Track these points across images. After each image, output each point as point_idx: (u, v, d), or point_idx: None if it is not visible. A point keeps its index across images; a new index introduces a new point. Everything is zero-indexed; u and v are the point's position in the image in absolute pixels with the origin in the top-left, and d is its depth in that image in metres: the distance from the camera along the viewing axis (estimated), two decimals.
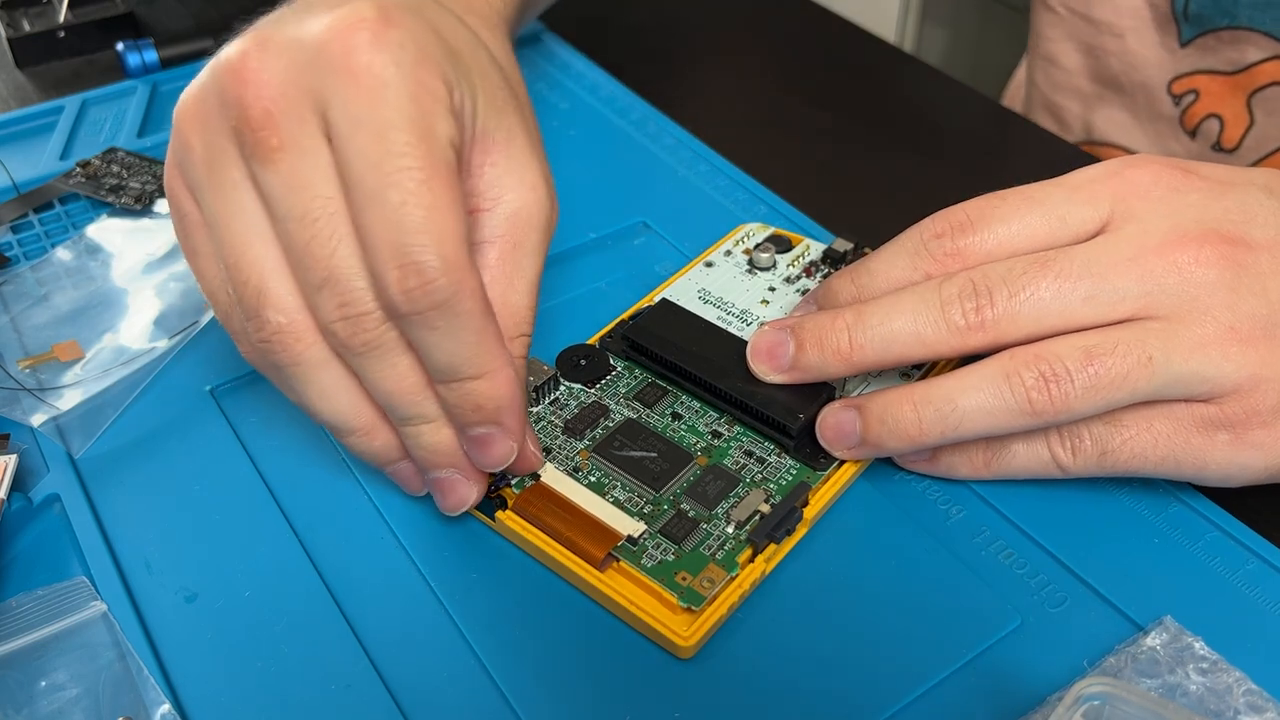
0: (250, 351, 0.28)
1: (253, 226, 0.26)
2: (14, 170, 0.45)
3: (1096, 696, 0.23)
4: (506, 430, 0.28)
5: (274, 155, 0.25)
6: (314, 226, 0.25)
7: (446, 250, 0.24)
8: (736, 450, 0.32)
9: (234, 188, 0.26)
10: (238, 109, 0.25)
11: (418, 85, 0.25)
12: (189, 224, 0.28)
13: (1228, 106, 0.51)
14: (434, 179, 0.25)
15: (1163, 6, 0.51)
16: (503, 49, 0.34)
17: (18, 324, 0.38)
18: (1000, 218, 0.30)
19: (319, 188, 0.25)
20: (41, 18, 0.56)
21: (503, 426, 0.27)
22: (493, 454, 0.28)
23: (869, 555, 0.30)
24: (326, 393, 0.28)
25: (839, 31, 0.60)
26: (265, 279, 0.26)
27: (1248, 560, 0.29)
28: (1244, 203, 0.29)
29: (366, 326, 0.26)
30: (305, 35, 0.25)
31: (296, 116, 0.25)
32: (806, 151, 0.49)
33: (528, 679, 0.27)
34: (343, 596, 0.29)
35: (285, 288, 0.26)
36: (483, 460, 0.28)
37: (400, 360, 0.27)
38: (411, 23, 0.26)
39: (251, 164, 0.26)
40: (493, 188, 0.29)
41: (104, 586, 0.29)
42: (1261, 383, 0.28)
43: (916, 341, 0.29)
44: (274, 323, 0.26)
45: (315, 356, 0.27)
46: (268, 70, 0.25)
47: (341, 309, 0.26)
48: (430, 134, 0.25)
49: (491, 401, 0.27)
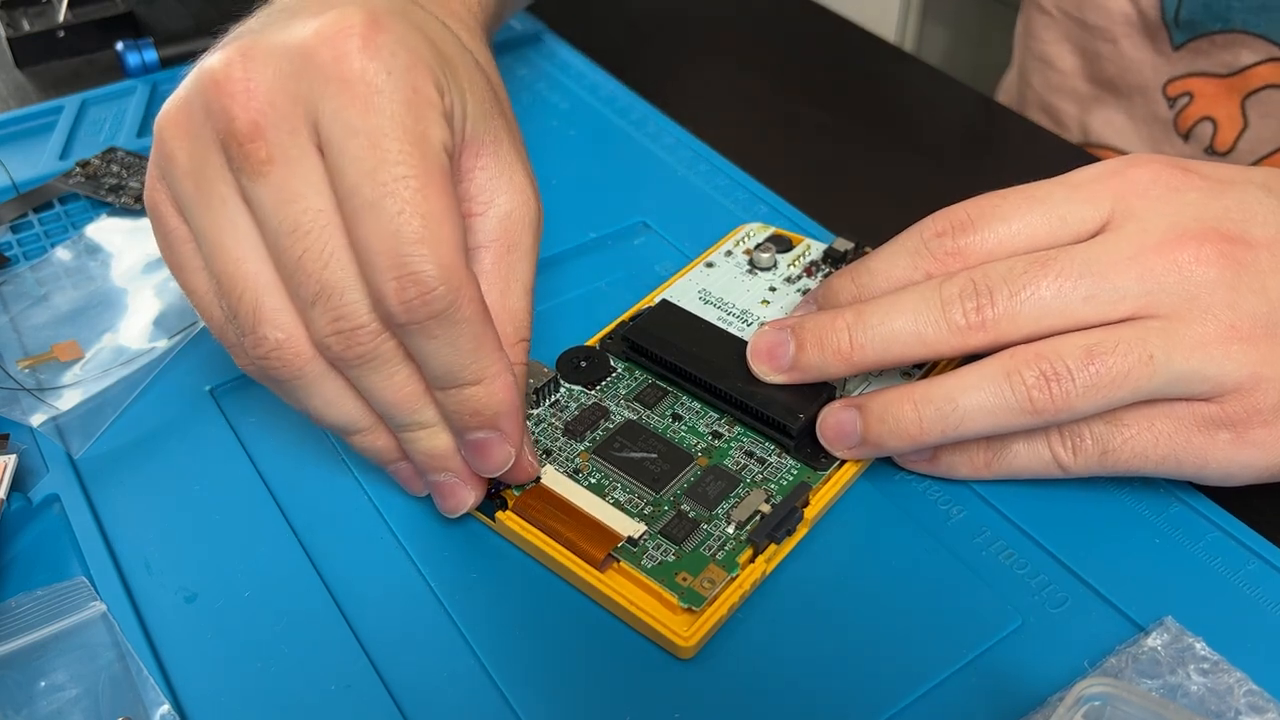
0: (248, 365, 0.28)
1: (244, 241, 0.26)
2: (13, 170, 0.45)
3: (1097, 697, 0.23)
4: (504, 436, 0.27)
5: (263, 168, 0.25)
6: (306, 240, 0.25)
7: (445, 259, 0.24)
8: (737, 451, 0.31)
9: (222, 202, 0.26)
10: (224, 120, 0.25)
11: (411, 91, 0.25)
12: (175, 239, 0.27)
13: (1222, 109, 0.51)
14: (430, 186, 0.24)
15: (1151, 13, 0.51)
16: (484, 52, 0.34)
17: (17, 324, 0.38)
18: (1001, 216, 0.30)
19: (310, 200, 0.25)
20: (41, 17, 0.56)
21: (501, 432, 0.27)
22: (490, 459, 0.28)
23: (869, 556, 0.30)
24: (329, 402, 0.27)
25: (839, 31, 0.60)
26: (260, 295, 0.26)
27: (1249, 560, 0.29)
28: (1244, 201, 0.29)
29: (361, 340, 0.25)
30: (292, 42, 0.25)
31: (286, 127, 0.25)
32: (807, 151, 0.49)
33: (528, 679, 0.27)
34: (342, 597, 0.29)
35: (280, 303, 0.26)
36: (480, 465, 0.28)
37: (396, 371, 0.26)
38: (400, 27, 0.25)
39: (240, 177, 0.25)
40: (484, 191, 0.29)
41: (103, 587, 0.29)
42: (1262, 381, 0.28)
43: (917, 341, 0.29)
44: (271, 339, 0.26)
45: (315, 369, 0.27)
46: (254, 79, 0.25)
47: (335, 323, 0.25)
48: (424, 140, 0.25)
49: (490, 407, 0.27)
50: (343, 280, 0.25)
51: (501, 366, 0.27)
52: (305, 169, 0.25)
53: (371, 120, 0.24)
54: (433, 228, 0.24)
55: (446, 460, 0.28)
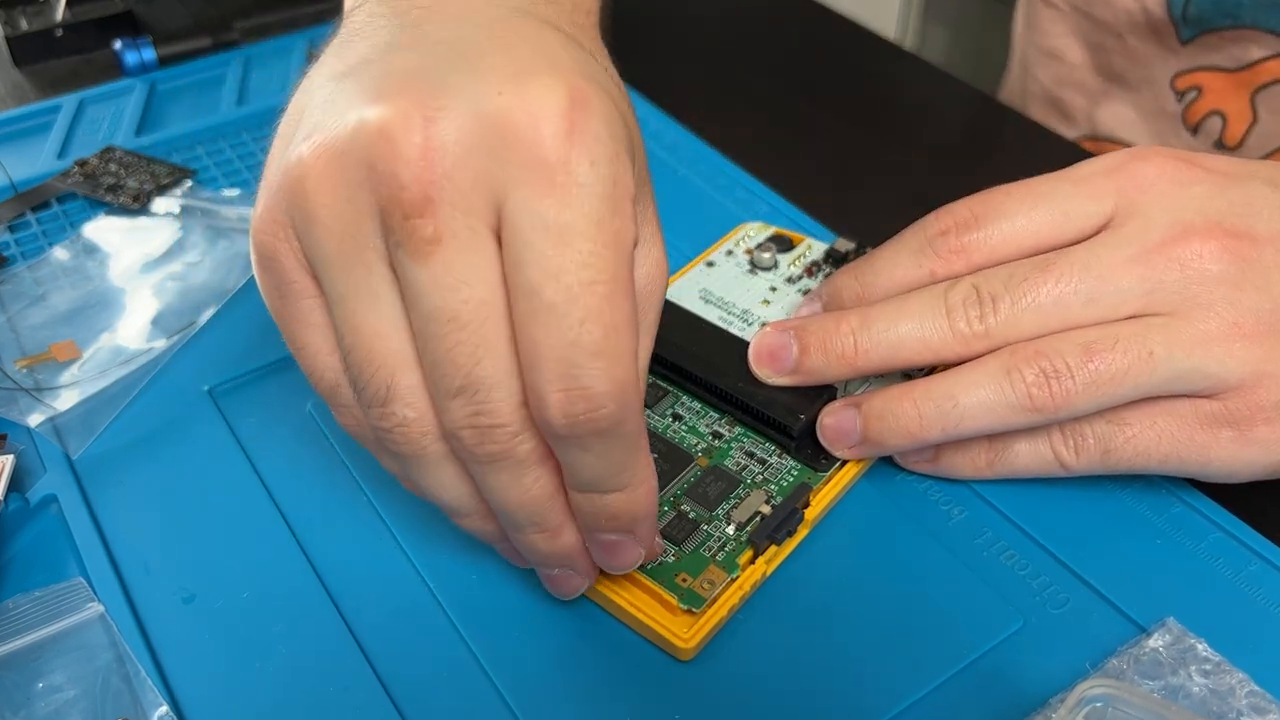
0: (357, 428, 0.25)
1: (386, 316, 0.23)
2: (11, 169, 0.45)
3: (1099, 698, 0.23)
4: (639, 539, 0.26)
5: (426, 247, 0.22)
6: (461, 333, 0.22)
7: (619, 375, 0.22)
8: (737, 451, 0.31)
9: (368, 271, 0.23)
10: (391, 186, 0.22)
11: (612, 184, 0.22)
12: (294, 292, 0.24)
13: (1231, 104, 0.51)
14: (616, 294, 0.22)
15: (1157, 11, 0.51)
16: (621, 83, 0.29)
17: (15, 324, 0.37)
18: (1004, 213, 0.30)
19: (473, 289, 0.22)
20: (39, 16, 0.56)
21: (635, 535, 0.26)
22: (620, 559, 0.26)
23: (870, 557, 0.30)
24: (442, 484, 0.25)
25: (840, 30, 0.60)
26: (395, 373, 0.23)
27: (1251, 561, 0.29)
28: (1249, 196, 0.29)
29: (498, 439, 0.23)
30: (485, 111, 0.22)
31: (462, 206, 0.22)
32: (808, 150, 0.49)
33: (527, 681, 0.27)
34: (341, 598, 0.29)
35: (415, 382, 0.23)
36: (607, 563, 0.26)
37: (526, 474, 0.24)
38: (601, 105, 0.22)
39: (396, 250, 0.22)
40: None
41: (101, 587, 0.29)
42: (1265, 378, 0.28)
43: (922, 346, 0.29)
44: (400, 416, 0.23)
45: (438, 450, 0.24)
46: (434, 147, 0.21)
47: (474, 418, 0.23)
48: (617, 240, 0.22)
49: (630, 513, 0.25)
50: (492, 378, 0.22)
51: (648, 473, 0.25)
52: (474, 256, 0.22)
53: (566, 215, 0.21)
54: (612, 340, 0.22)
55: (562, 560, 0.26)
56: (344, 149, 0.22)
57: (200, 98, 0.51)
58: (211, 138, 0.48)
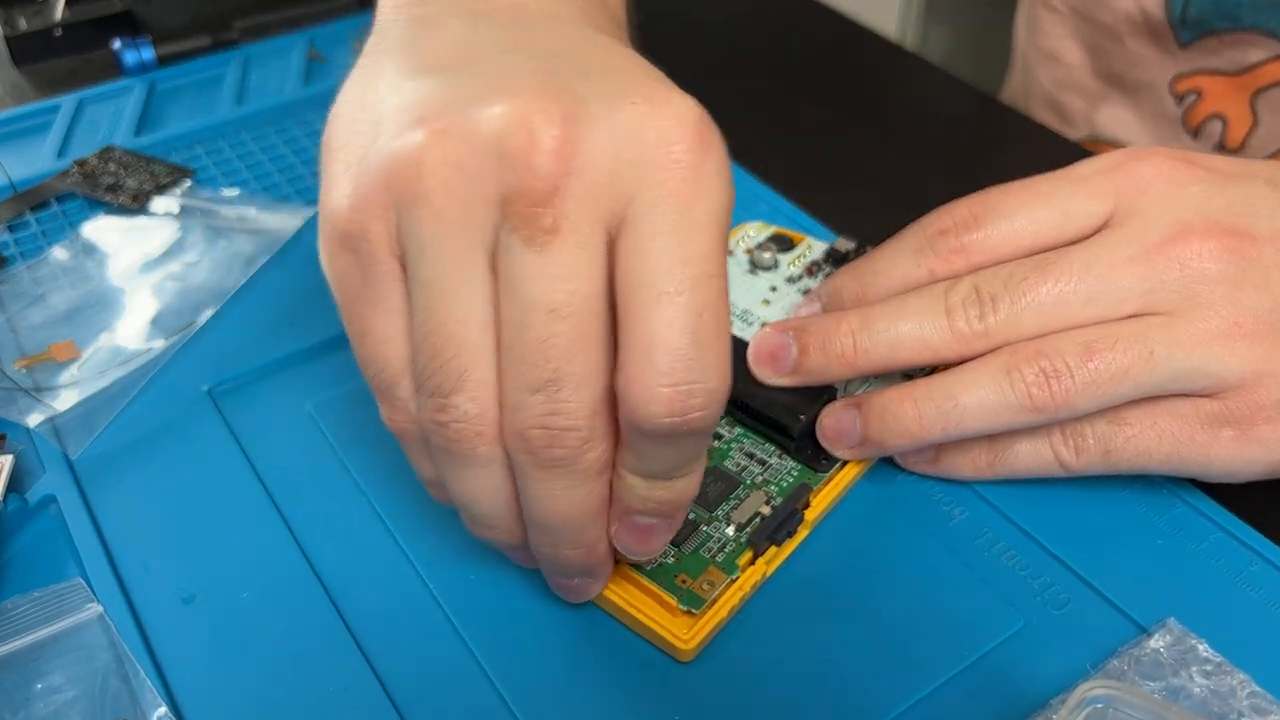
0: (404, 424, 0.25)
1: (475, 306, 0.23)
2: (10, 169, 0.45)
3: (1100, 699, 0.23)
4: (674, 524, 0.26)
5: (542, 237, 0.22)
6: (560, 324, 0.22)
7: (726, 373, 0.22)
8: (737, 452, 0.31)
9: (468, 259, 0.23)
10: (522, 176, 0.22)
11: (729, 196, 0.23)
12: (379, 274, 0.24)
13: (1231, 107, 0.51)
14: (725, 291, 0.23)
15: (1156, 13, 0.51)
16: None
17: (14, 324, 0.37)
18: (1004, 213, 0.30)
19: (580, 282, 0.22)
20: (38, 15, 0.56)
21: (673, 520, 0.26)
22: (650, 545, 0.26)
23: (870, 558, 0.30)
24: (482, 490, 0.25)
25: (841, 29, 0.60)
26: (471, 365, 0.23)
27: (1252, 562, 0.29)
28: (1248, 195, 0.29)
29: (567, 443, 0.23)
30: (622, 118, 0.23)
31: (586, 201, 0.22)
32: (808, 150, 0.49)
33: (527, 682, 0.27)
34: (340, 598, 0.29)
35: (486, 378, 0.23)
36: (632, 548, 0.26)
37: (581, 486, 0.24)
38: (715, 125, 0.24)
39: (510, 237, 0.22)
40: None
41: (100, 588, 0.29)
42: (1265, 377, 0.28)
43: (923, 346, 0.29)
44: (463, 410, 0.23)
45: (490, 454, 0.24)
46: (571, 142, 0.22)
47: (549, 417, 0.22)
48: (725, 242, 0.23)
49: (682, 499, 0.25)
50: (580, 375, 0.22)
51: (704, 459, 0.25)
52: (587, 253, 0.22)
53: (694, 214, 0.22)
54: (723, 336, 0.22)
55: (589, 571, 0.26)
56: (472, 136, 0.22)
57: (199, 97, 0.51)
58: (211, 137, 0.48)
